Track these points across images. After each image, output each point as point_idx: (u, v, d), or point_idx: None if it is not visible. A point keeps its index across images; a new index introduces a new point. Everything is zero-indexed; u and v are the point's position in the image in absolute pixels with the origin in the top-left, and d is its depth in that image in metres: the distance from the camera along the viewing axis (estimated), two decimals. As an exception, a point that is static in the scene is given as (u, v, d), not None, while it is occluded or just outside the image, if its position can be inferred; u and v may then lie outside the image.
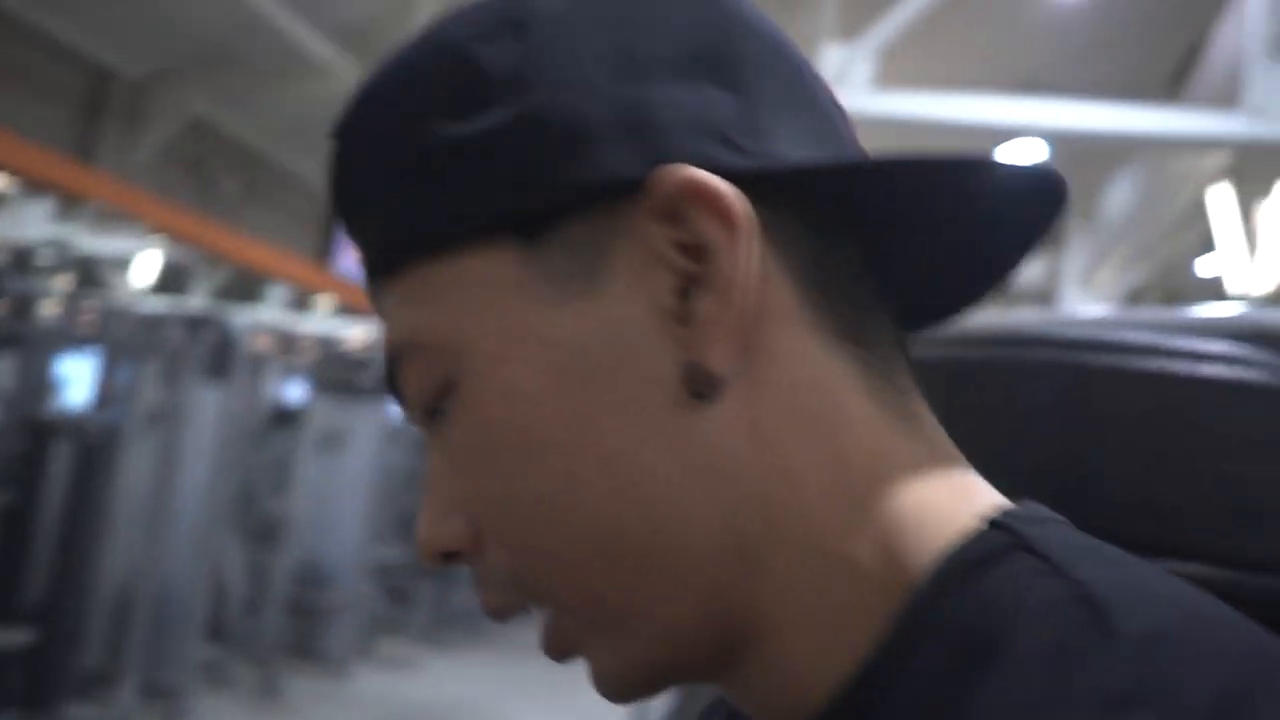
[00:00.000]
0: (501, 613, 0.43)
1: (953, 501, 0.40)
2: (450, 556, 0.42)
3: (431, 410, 0.42)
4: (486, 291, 0.40)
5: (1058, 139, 7.39)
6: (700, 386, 0.38)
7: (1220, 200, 7.98)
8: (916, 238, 0.43)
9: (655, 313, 0.39)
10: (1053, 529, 0.38)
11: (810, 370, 0.40)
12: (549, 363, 0.39)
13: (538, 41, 0.40)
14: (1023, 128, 6.99)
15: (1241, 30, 6.81)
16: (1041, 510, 0.40)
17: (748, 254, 0.38)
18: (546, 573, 0.40)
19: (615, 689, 0.42)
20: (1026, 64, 9.89)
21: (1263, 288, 7.72)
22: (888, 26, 7.19)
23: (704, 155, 0.39)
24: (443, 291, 0.41)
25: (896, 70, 7.58)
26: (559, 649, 0.42)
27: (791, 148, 0.40)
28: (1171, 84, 9.74)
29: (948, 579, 0.37)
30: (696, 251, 0.39)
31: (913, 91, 7.06)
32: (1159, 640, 0.32)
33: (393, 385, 0.44)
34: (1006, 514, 0.39)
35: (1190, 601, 0.35)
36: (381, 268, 0.43)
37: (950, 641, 0.36)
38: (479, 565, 0.42)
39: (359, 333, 8.55)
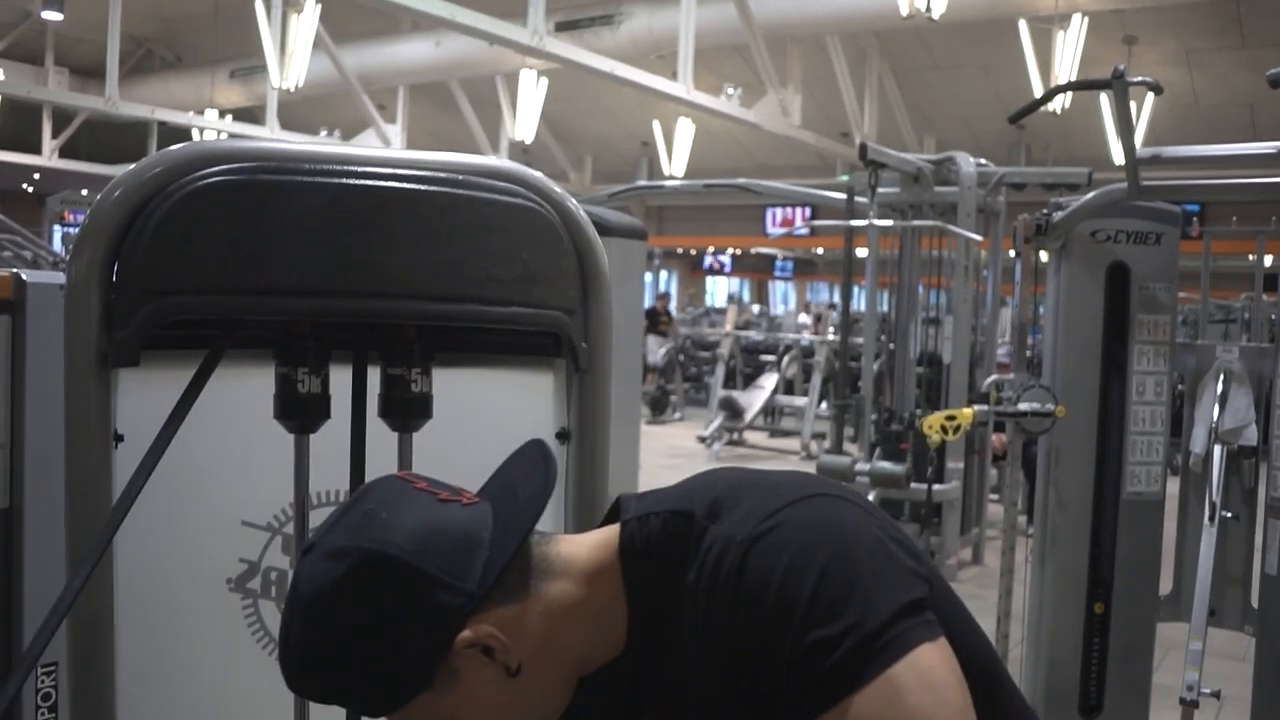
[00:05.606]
0: None
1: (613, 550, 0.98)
2: None
3: None
4: (424, 704, 0.93)
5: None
6: (512, 671, 0.94)
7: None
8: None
9: (480, 665, 0.93)
10: (638, 500, 1.00)
11: (547, 632, 0.95)
12: (460, 706, 0.94)
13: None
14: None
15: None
16: (626, 496, 1.03)
17: (501, 640, 0.93)
18: None
19: None
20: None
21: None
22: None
23: (469, 620, 0.92)
24: (407, 711, 0.94)
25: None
26: None
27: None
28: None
29: (633, 569, 0.96)
30: (484, 645, 0.93)
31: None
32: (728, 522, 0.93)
33: None
34: (629, 511, 0.99)
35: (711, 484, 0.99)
36: (369, 714, 0.95)
37: (651, 598, 0.95)
38: None
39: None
